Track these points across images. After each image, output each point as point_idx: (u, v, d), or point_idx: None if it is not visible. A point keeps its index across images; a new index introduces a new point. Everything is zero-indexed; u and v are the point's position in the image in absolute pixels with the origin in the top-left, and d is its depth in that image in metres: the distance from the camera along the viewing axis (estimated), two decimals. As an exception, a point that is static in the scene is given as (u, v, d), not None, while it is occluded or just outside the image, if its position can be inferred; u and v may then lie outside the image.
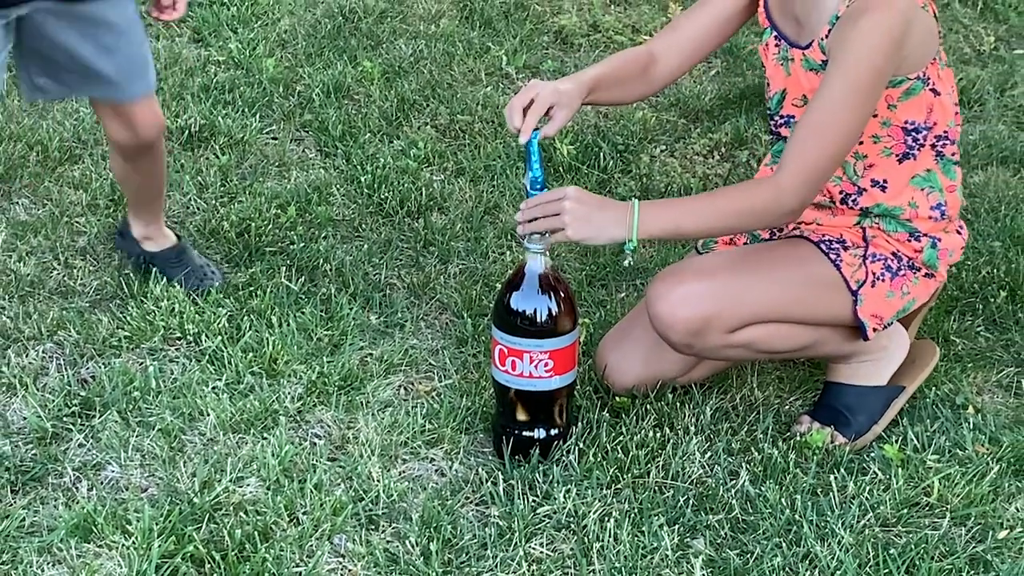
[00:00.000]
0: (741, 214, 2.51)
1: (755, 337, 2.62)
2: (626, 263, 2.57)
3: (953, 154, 2.68)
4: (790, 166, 2.47)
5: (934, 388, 2.88)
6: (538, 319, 2.54)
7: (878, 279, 2.64)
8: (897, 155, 2.63)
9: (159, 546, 2.35)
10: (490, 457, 2.67)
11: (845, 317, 2.65)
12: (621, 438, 2.68)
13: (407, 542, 2.42)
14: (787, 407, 2.83)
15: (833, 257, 2.64)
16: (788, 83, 2.69)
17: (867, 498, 2.54)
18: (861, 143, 2.60)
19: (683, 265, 2.73)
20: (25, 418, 2.72)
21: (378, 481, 2.57)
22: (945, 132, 2.64)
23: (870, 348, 2.75)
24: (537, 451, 2.62)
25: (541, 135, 2.54)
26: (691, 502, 2.54)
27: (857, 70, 2.45)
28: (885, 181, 2.64)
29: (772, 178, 2.51)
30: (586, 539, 2.44)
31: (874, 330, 2.65)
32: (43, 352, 2.93)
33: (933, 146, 2.64)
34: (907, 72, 2.54)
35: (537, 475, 2.59)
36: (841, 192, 2.67)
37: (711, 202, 2.59)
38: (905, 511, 2.52)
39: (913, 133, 2.61)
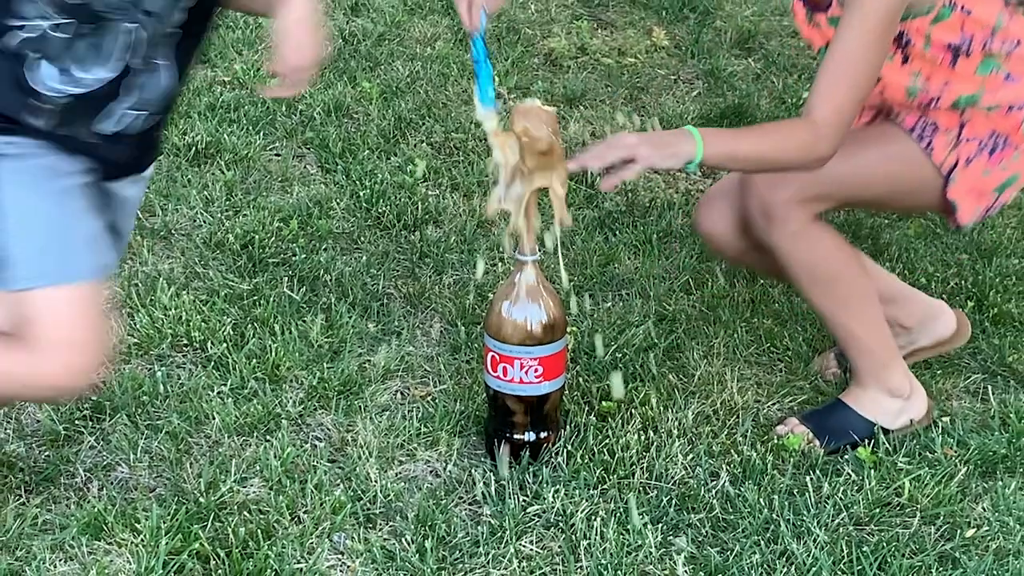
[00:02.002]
0: (786, 150, 2.47)
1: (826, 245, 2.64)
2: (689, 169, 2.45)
3: (1004, 42, 2.60)
4: (823, 107, 2.44)
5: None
6: (528, 327, 2.54)
7: (972, 159, 2.61)
8: (949, 62, 2.58)
9: (166, 544, 2.35)
10: (483, 459, 2.66)
11: (933, 199, 2.64)
12: (607, 441, 2.68)
13: (403, 540, 2.42)
14: (765, 411, 2.83)
15: (923, 140, 2.61)
16: (825, 39, 2.65)
17: (841, 498, 2.54)
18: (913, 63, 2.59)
19: None
20: (39, 421, 2.71)
21: (376, 481, 2.56)
22: (990, 33, 2.57)
23: (902, 388, 2.75)
24: (527, 453, 2.62)
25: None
26: (674, 502, 2.54)
27: (874, 9, 2.43)
28: (947, 82, 2.59)
29: (807, 122, 2.47)
30: (574, 537, 2.43)
31: (970, 216, 2.64)
32: (56, 358, 2.92)
33: (982, 48, 2.58)
34: (928, 2, 2.52)
35: (527, 476, 2.59)
36: (920, 105, 2.64)
37: (762, 134, 2.59)
38: (877, 511, 2.52)
39: (955, 49, 2.57)
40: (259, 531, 2.40)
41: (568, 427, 2.71)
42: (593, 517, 2.47)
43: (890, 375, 2.75)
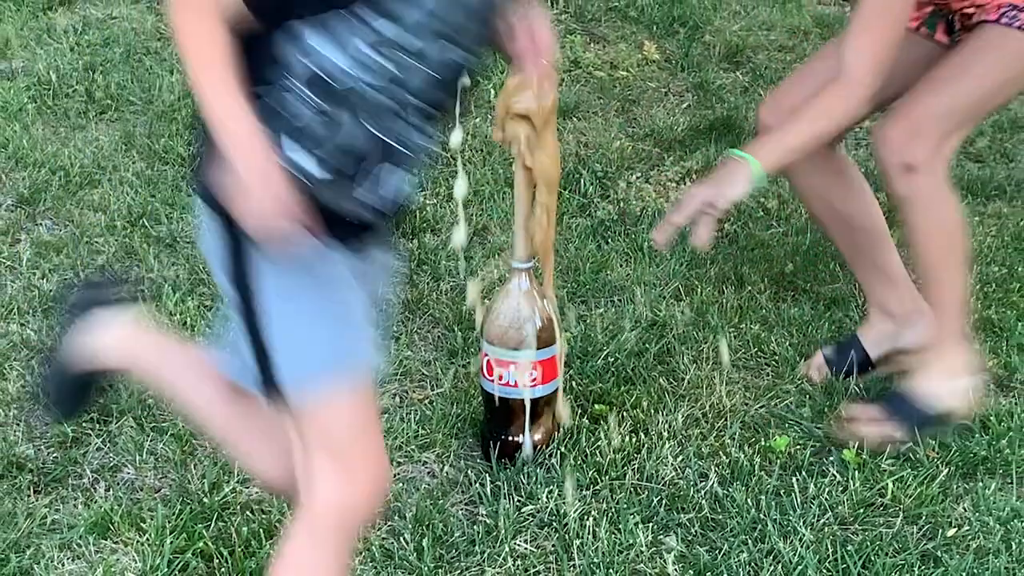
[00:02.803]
0: (833, 121, 2.58)
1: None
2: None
3: None
4: (858, 59, 2.51)
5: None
6: (523, 333, 2.55)
7: None
8: None
9: (171, 543, 2.35)
10: (479, 460, 2.67)
11: None
12: (599, 443, 2.68)
13: (401, 539, 2.42)
14: (752, 414, 2.84)
15: (1016, 22, 2.64)
16: None
17: (826, 499, 2.55)
18: None
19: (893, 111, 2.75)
20: (48, 424, 2.71)
21: (375, 482, 2.56)
22: None
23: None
24: (521, 454, 2.62)
25: None
26: (664, 502, 2.54)
27: None
28: None
29: (842, 86, 2.53)
30: (567, 536, 2.44)
31: None
32: (64, 362, 2.92)
33: None
34: None
35: (522, 477, 2.59)
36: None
37: (806, 121, 2.60)
38: (861, 511, 2.52)
39: None
40: (261, 530, 2.41)
41: (561, 429, 2.71)
42: (586, 517, 2.48)
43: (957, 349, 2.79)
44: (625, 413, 2.79)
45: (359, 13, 1.69)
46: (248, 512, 2.47)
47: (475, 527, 2.46)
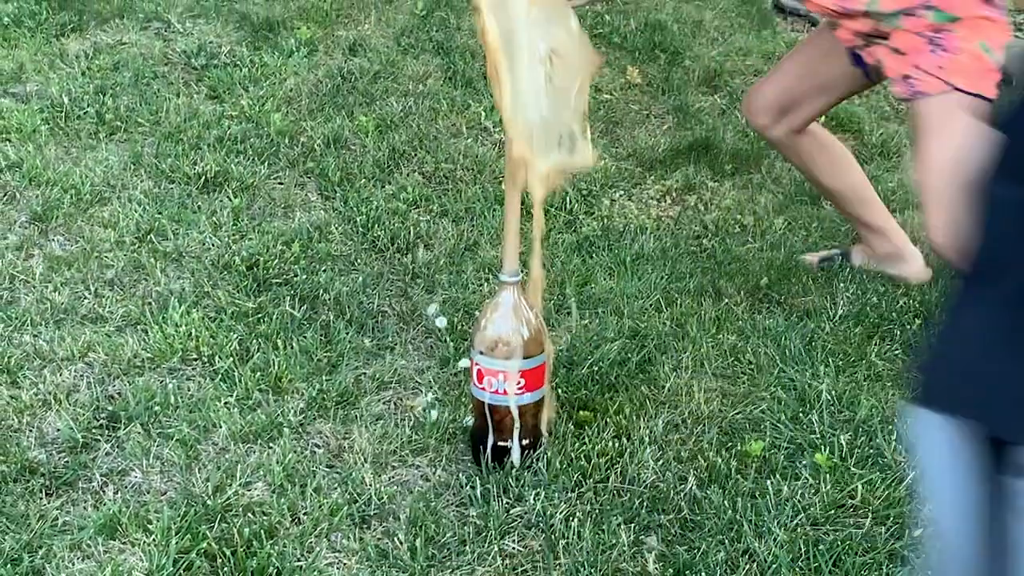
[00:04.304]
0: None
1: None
2: None
3: None
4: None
5: (861, 403, 2.89)
6: (511, 343, 2.55)
7: None
8: None
9: (176, 543, 2.34)
10: (469, 464, 2.67)
11: None
12: (584, 447, 2.68)
13: (395, 539, 2.42)
14: (729, 420, 2.84)
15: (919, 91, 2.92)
16: None
17: (799, 500, 2.55)
18: None
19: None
20: (59, 429, 2.71)
21: (370, 485, 2.56)
22: None
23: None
24: (510, 458, 2.62)
25: None
26: (645, 504, 2.54)
27: None
28: None
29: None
30: (553, 536, 2.44)
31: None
32: (75, 371, 2.92)
33: None
34: None
35: (510, 480, 2.59)
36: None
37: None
38: (832, 512, 2.53)
39: None
40: (262, 531, 2.40)
41: (548, 434, 2.71)
42: (571, 518, 2.48)
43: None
44: (608, 419, 2.79)
45: None
46: (250, 514, 2.46)
47: (466, 528, 2.46)
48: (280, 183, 3.93)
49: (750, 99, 3.40)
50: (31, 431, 2.70)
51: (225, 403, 2.81)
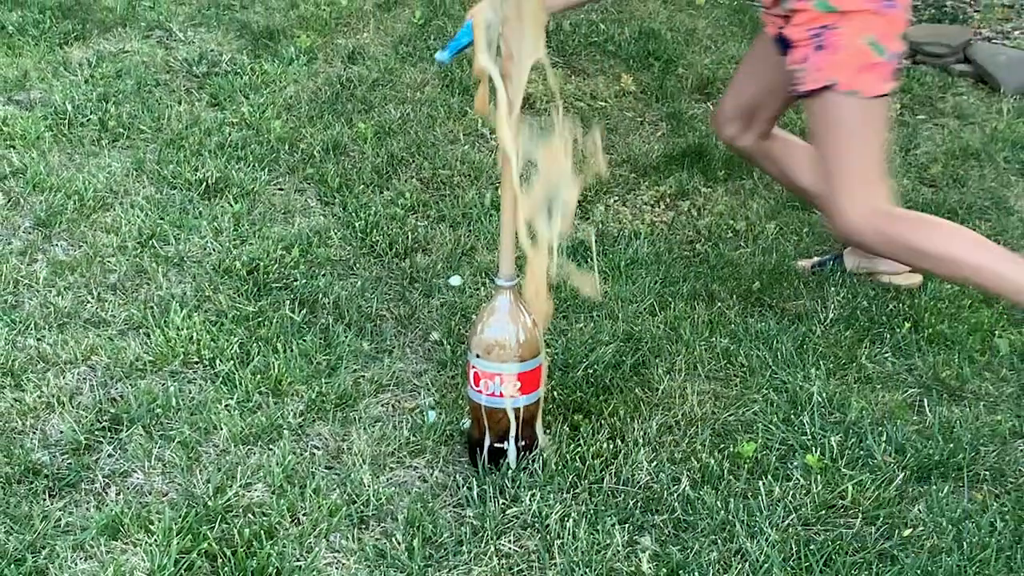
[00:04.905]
0: None
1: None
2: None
3: None
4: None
5: (851, 405, 2.89)
6: (507, 346, 2.55)
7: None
8: None
9: (177, 543, 2.34)
10: (466, 465, 2.66)
11: None
12: (579, 449, 2.68)
13: (393, 539, 2.42)
14: (722, 421, 2.84)
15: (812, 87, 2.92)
16: None
17: (791, 501, 2.55)
18: None
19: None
20: (62, 432, 2.70)
21: (368, 486, 2.56)
22: None
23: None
24: (506, 460, 2.62)
25: None
26: (639, 504, 2.54)
27: None
28: None
29: None
30: (548, 536, 2.43)
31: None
32: (78, 374, 2.91)
33: None
34: None
35: (506, 481, 2.59)
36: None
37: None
38: (823, 512, 2.53)
39: None
40: (262, 532, 2.40)
41: (544, 436, 2.71)
42: (566, 518, 2.47)
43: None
44: (603, 421, 2.79)
45: None
46: (250, 514, 2.46)
47: (463, 528, 2.46)
48: (280, 189, 3.93)
49: (715, 116, 3.45)
50: (35, 433, 2.70)
51: (226, 405, 2.81)
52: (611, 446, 2.70)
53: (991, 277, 2.85)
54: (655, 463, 2.66)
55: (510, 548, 2.41)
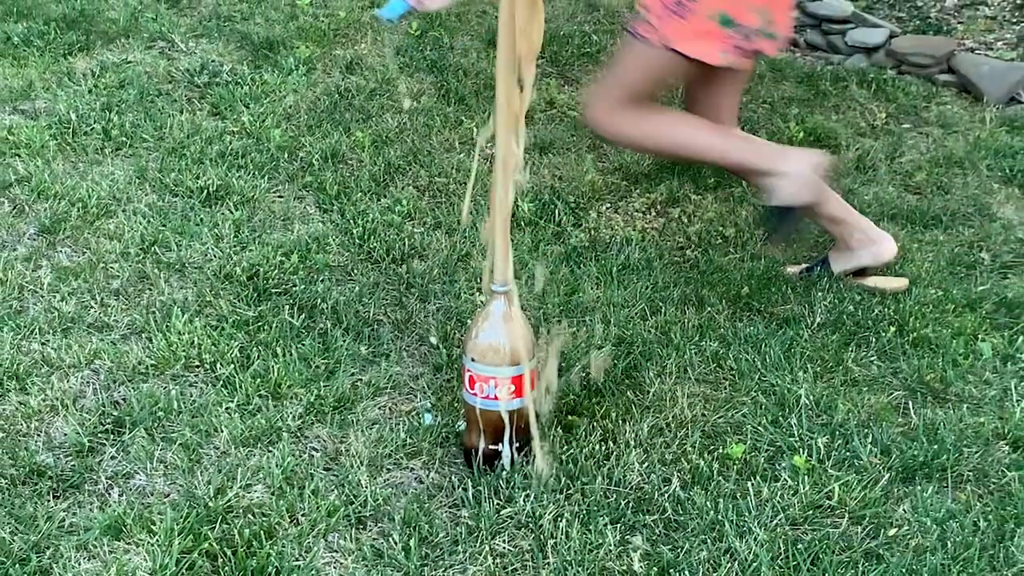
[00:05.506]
0: None
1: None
2: None
3: None
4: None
5: (838, 407, 2.90)
6: (501, 350, 2.55)
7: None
8: None
9: (179, 543, 2.34)
10: (462, 467, 2.67)
11: None
12: (572, 450, 2.69)
13: (390, 539, 2.42)
14: (711, 424, 2.85)
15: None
16: None
17: (779, 501, 2.56)
18: None
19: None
20: (66, 434, 2.71)
21: (366, 487, 2.56)
22: None
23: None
24: (500, 461, 2.62)
25: None
26: (631, 505, 2.54)
27: None
28: None
29: None
30: (542, 536, 2.44)
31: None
32: (82, 378, 2.92)
33: None
34: None
35: (501, 482, 2.59)
36: None
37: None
38: (810, 512, 2.53)
39: None
40: (262, 532, 2.40)
41: (537, 438, 2.71)
42: (559, 518, 2.48)
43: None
44: (595, 423, 2.79)
45: None
46: (250, 515, 2.46)
47: (458, 528, 2.47)
48: (280, 196, 3.93)
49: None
50: (39, 436, 2.70)
51: (226, 408, 2.81)
52: (603, 448, 2.71)
53: (720, 154, 3.21)
54: (646, 464, 2.67)
55: (505, 548, 2.42)
